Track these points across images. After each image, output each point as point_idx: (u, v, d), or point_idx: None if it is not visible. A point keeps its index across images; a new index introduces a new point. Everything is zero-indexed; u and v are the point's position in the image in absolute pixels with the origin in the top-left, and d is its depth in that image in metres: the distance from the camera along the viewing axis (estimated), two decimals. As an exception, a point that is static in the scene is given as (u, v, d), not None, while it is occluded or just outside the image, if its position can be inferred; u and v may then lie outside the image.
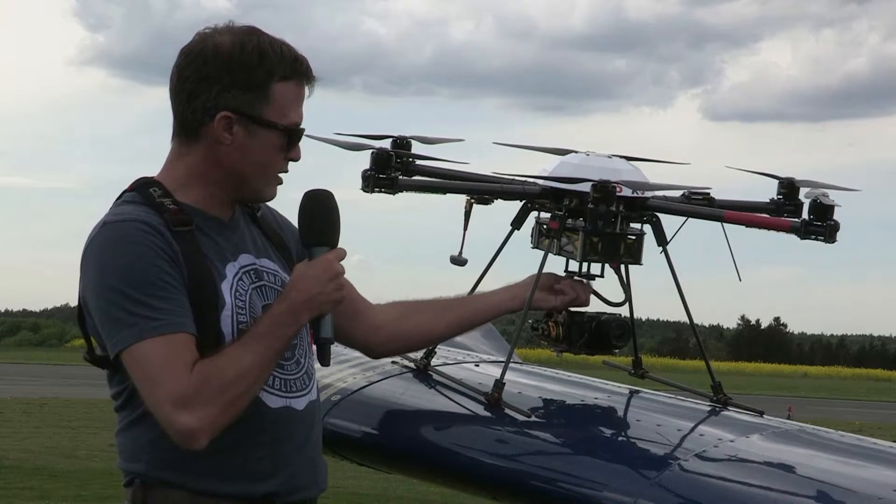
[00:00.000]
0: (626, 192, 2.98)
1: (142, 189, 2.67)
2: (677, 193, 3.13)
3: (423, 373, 3.22)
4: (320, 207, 2.65)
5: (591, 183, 2.95)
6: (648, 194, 3.02)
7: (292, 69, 2.65)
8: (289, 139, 2.67)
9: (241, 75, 2.61)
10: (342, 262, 2.63)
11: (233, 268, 2.66)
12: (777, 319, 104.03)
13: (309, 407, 2.73)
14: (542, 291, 3.06)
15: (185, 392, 2.48)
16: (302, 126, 2.69)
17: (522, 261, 3.17)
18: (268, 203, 2.81)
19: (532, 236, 3.14)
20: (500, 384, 2.99)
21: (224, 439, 2.54)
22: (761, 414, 3.09)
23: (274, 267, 2.75)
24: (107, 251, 2.56)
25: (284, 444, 2.66)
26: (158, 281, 2.53)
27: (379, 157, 3.00)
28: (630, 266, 3.09)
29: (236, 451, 2.60)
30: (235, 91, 2.61)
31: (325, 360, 2.66)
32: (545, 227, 3.10)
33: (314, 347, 2.73)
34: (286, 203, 2.88)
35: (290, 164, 2.72)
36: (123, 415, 2.65)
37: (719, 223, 3.05)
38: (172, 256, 2.56)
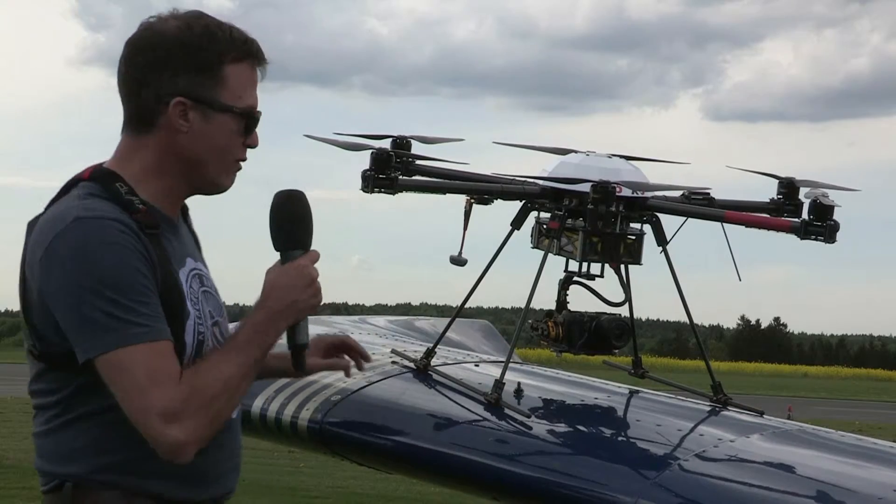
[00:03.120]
0: (626, 192, 2.98)
1: (106, 183, 2.53)
2: (677, 193, 3.13)
3: (423, 373, 3.22)
4: (292, 208, 2.53)
5: (590, 183, 2.95)
6: (648, 194, 3.02)
7: (243, 50, 2.54)
8: (246, 124, 2.56)
9: (190, 58, 2.50)
10: (317, 265, 2.52)
11: (183, 273, 2.57)
12: (777, 319, 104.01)
13: (238, 414, 2.67)
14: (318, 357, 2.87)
15: (175, 406, 2.39)
16: (259, 109, 2.59)
17: (522, 261, 3.17)
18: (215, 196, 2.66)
19: (532, 236, 3.14)
20: (500, 384, 2.98)
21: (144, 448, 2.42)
22: (761, 414, 3.09)
23: (206, 271, 2.67)
24: (85, 250, 2.42)
25: (224, 450, 2.60)
26: (139, 286, 2.42)
27: (379, 158, 3.00)
28: (630, 266, 3.09)
29: None
30: (187, 74, 2.50)
31: (299, 365, 2.60)
32: (545, 227, 3.10)
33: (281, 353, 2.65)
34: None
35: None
36: (54, 414, 2.52)
37: (719, 223, 3.05)
38: (149, 260, 2.45)
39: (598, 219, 2.95)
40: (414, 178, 3.11)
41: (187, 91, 2.50)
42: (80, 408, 2.48)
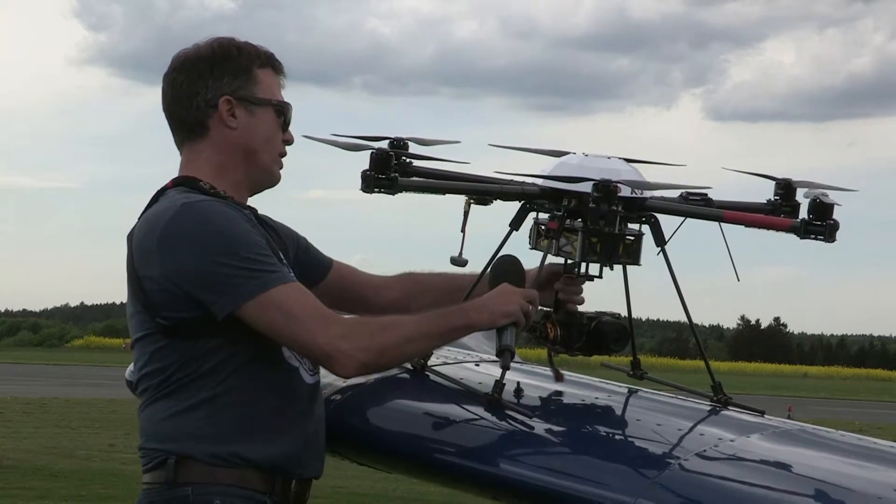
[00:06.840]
0: (625, 193, 2.97)
1: (191, 184, 2.87)
2: (677, 193, 3.13)
3: (422, 373, 3.22)
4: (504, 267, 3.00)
5: (591, 182, 2.94)
6: (647, 194, 3.02)
7: (266, 59, 2.98)
8: (283, 117, 2.97)
9: (227, 64, 2.92)
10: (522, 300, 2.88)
11: None
12: (777, 319, 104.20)
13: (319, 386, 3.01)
14: (543, 289, 3.09)
15: (343, 323, 2.76)
16: (289, 103, 2.99)
17: (522, 261, 3.16)
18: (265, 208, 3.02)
19: (530, 237, 3.14)
20: (500, 384, 2.98)
21: (262, 405, 2.82)
22: (762, 414, 3.08)
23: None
24: (204, 222, 2.75)
25: (309, 415, 2.94)
26: (260, 245, 2.77)
27: (378, 157, 2.99)
28: (629, 267, 3.08)
29: (272, 416, 2.84)
30: (227, 78, 2.91)
31: (505, 366, 2.92)
32: (543, 227, 3.09)
33: None
34: (292, 204, 3.00)
35: (289, 151, 3.00)
36: (161, 383, 2.80)
37: (717, 223, 3.04)
38: (257, 229, 2.83)
39: (599, 217, 2.94)
40: (413, 178, 3.10)
41: (231, 91, 2.91)
42: (184, 373, 2.78)
